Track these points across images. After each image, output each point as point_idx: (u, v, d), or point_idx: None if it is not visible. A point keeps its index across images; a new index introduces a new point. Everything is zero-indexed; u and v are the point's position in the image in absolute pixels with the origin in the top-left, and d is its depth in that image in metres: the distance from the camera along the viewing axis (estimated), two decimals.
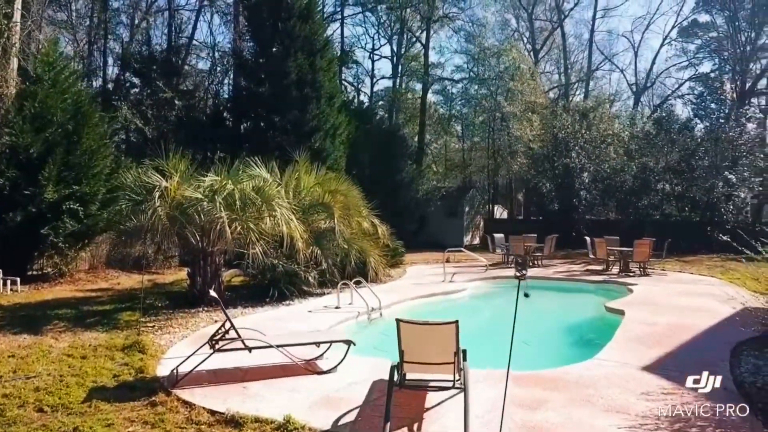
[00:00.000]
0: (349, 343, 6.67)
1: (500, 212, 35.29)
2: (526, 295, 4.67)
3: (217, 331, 6.59)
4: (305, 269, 11.84)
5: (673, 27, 39.98)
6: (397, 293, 12.47)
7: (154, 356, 7.21)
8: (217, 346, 6.31)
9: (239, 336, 6.37)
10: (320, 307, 10.84)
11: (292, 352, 6.73)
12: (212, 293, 6.51)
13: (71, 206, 13.34)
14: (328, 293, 12.32)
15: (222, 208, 9.79)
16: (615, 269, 16.77)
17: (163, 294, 12.18)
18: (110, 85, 23.54)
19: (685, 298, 11.67)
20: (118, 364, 6.93)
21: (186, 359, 6.43)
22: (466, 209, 30.43)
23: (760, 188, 25.25)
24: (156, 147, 11.74)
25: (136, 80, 22.92)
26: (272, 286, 11.36)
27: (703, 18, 38.88)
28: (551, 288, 14.75)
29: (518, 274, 4.56)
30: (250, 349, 6.36)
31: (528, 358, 8.10)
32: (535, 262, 18.65)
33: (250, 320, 9.69)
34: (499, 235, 19.82)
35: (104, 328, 8.95)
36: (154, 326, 9.17)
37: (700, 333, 8.52)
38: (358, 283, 11.32)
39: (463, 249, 18.98)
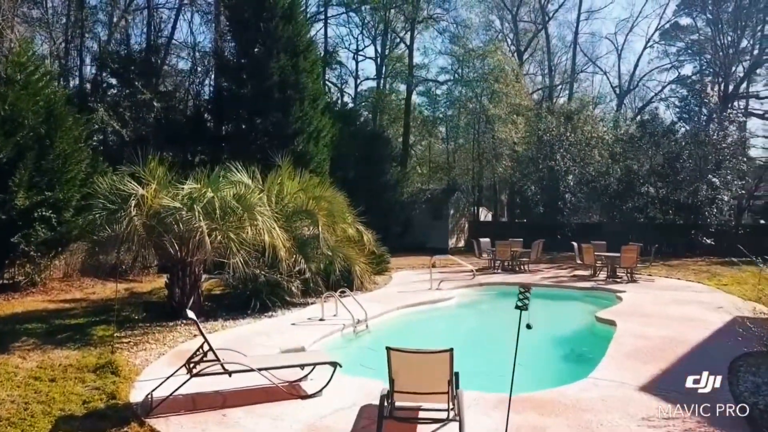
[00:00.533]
0: (334, 365, 6.33)
1: (485, 214, 35.13)
2: (529, 327, 4.38)
3: (194, 353, 6.22)
4: (288, 279, 11.48)
5: (656, 30, 40.25)
6: (383, 303, 12.14)
7: (127, 378, 6.79)
8: (194, 371, 5.94)
9: (218, 359, 6.00)
10: (304, 319, 10.49)
11: (275, 372, 6.39)
12: (190, 314, 6.12)
13: (43, 213, 12.77)
14: (312, 303, 11.98)
15: (201, 218, 9.38)
16: (602, 275, 16.65)
17: (140, 304, 11.72)
18: (87, 86, 22.79)
19: (675, 307, 11.51)
20: (89, 388, 6.51)
21: (162, 383, 6.06)
22: (451, 212, 30.23)
23: (743, 191, 25.38)
24: (134, 150, 11.27)
25: (113, 81, 22.23)
26: (254, 297, 10.97)
27: (685, 21, 39.23)
28: (539, 295, 14.33)
29: (520, 304, 4.27)
30: (230, 374, 6.00)
31: (520, 376, 7.84)
32: (522, 267, 18.46)
33: (231, 335, 9.33)
34: (485, 240, 19.60)
35: (76, 345, 8.49)
36: (129, 342, 8.75)
37: (695, 347, 8.32)
38: (342, 293, 10.97)
39: (449, 255, 18.67)
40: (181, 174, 11.07)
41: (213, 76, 24.88)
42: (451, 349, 4.53)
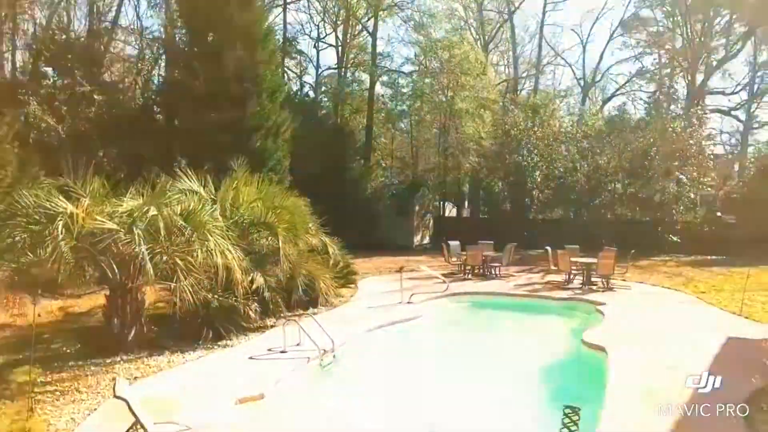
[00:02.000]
0: None
1: (450, 209, 34.37)
2: None
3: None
4: (245, 301, 10.24)
5: (620, 23, 39.99)
6: (351, 324, 11.06)
7: None
8: None
9: None
10: (263, 351, 9.30)
11: None
12: (119, 389, 4.92)
13: None
14: (271, 326, 10.80)
15: (142, 241, 8.09)
16: (576, 280, 16.01)
17: (75, 331, 10.32)
18: (19, 75, 20.65)
19: (661, 324, 11.04)
20: None
21: None
22: (416, 208, 29.33)
23: (709, 189, 25.37)
24: (71, 150, 9.84)
25: (48, 70, 20.18)
26: (206, 325, 9.72)
27: (645, 13, 39.10)
28: (514, 307, 13.75)
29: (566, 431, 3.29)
30: None
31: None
32: (492, 271, 17.68)
33: (177, 376, 8.10)
34: (454, 243, 18.71)
35: None
36: (55, 390, 7.41)
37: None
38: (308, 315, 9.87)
39: (423, 267, 17.53)
40: (126, 174, 9.71)
41: (162, 66, 23.10)
42: None
